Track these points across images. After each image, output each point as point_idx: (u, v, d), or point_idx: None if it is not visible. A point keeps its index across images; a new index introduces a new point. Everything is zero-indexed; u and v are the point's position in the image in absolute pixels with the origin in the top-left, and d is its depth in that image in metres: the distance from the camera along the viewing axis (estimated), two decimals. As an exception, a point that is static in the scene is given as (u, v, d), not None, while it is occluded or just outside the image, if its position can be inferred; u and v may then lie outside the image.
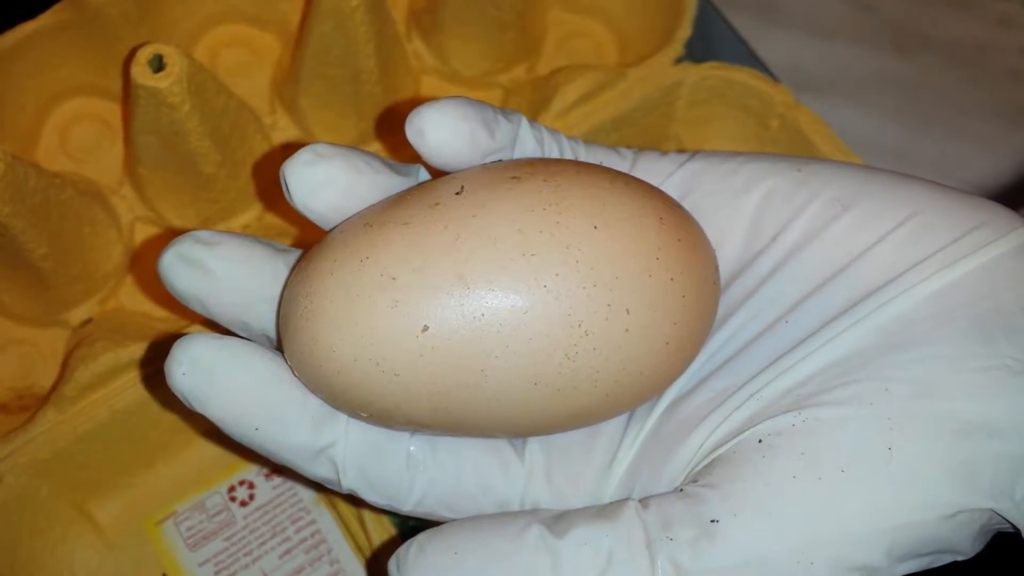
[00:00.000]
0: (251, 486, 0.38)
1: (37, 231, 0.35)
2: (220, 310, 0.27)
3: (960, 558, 0.25)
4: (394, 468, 0.27)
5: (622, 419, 0.27)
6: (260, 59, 0.45)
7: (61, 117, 0.43)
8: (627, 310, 0.24)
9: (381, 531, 0.35)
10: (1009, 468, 0.24)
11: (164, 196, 0.40)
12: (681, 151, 0.31)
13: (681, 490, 0.26)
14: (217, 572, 0.37)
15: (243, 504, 0.38)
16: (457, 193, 0.24)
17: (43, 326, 0.40)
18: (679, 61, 0.40)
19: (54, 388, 0.36)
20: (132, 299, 0.41)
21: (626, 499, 0.26)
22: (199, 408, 0.26)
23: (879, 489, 0.24)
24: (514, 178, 0.24)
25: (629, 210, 0.24)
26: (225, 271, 0.26)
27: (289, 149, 0.41)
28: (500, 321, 0.23)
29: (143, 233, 0.41)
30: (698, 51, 0.41)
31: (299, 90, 0.41)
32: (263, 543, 0.37)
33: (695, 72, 0.40)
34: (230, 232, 0.27)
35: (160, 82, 0.34)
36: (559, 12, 0.46)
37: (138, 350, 0.35)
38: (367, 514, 0.36)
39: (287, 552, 0.37)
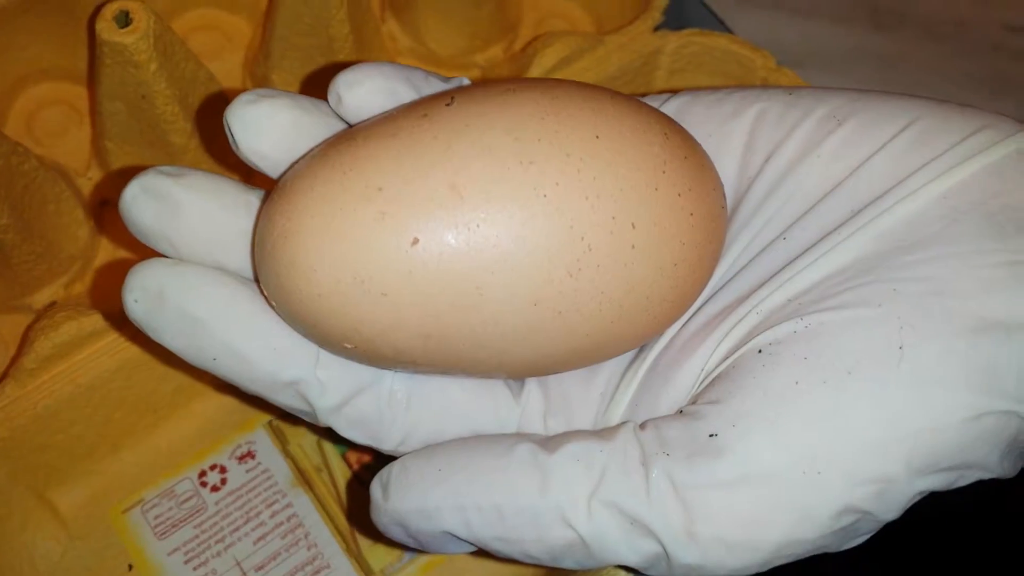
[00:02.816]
0: (223, 470, 0.35)
1: (-3, 198, 0.33)
2: (190, 248, 0.24)
3: (988, 475, 0.22)
4: (374, 406, 0.24)
5: (622, 360, 0.25)
6: (232, 43, 0.42)
7: (28, 102, 0.40)
8: (632, 224, 0.21)
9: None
10: None
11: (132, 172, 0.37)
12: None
13: (681, 411, 0.23)
14: (187, 561, 0.34)
15: (214, 489, 0.35)
16: (447, 104, 0.22)
17: (5, 312, 0.37)
18: (658, 29, 0.38)
19: (13, 361, 0.33)
20: (100, 283, 0.38)
21: (624, 422, 0.23)
22: (154, 336, 0.24)
23: (891, 391, 0.21)
24: (509, 90, 0.22)
25: (632, 123, 0.22)
26: (194, 203, 0.23)
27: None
28: (497, 233, 0.20)
29: (111, 217, 0.39)
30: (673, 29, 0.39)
31: (270, 65, 0.38)
32: (236, 529, 0.34)
33: (674, 39, 0.38)
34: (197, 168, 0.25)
35: (126, 37, 0.32)
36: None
37: (102, 320, 0.32)
38: (345, 493, 0.33)
39: (262, 538, 0.34)
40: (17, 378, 0.32)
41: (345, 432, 0.24)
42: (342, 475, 0.35)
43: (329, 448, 0.35)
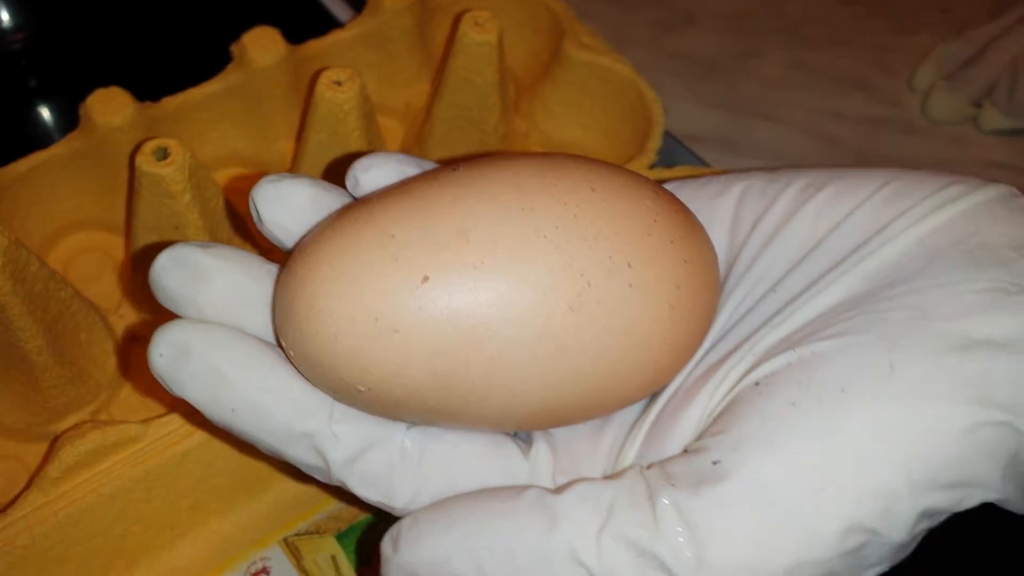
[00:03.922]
0: (239, 589, 0.35)
1: (34, 319, 0.34)
2: (214, 312, 0.25)
3: (992, 497, 0.22)
4: (386, 461, 0.24)
5: (627, 419, 0.25)
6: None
7: (65, 249, 0.43)
8: (628, 264, 0.22)
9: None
10: None
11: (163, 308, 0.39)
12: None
13: (685, 450, 0.23)
14: None
15: (230, 610, 0.35)
16: (454, 170, 0.23)
17: (31, 440, 0.38)
18: (652, 167, 0.41)
19: (38, 471, 0.34)
20: (125, 414, 0.39)
21: (631, 466, 0.24)
22: (176, 390, 0.24)
23: (885, 407, 0.22)
24: (511, 156, 0.24)
25: (624, 180, 0.23)
26: (220, 270, 0.25)
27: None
28: (500, 271, 0.22)
29: (139, 353, 0.40)
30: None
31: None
32: (250, 650, 0.34)
33: (668, 175, 0.40)
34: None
35: (163, 169, 0.34)
36: (537, 150, 0.47)
37: (127, 430, 0.33)
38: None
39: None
40: (41, 487, 0.32)
41: (357, 489, 0.25)
42: (356, 589, 0.34)
43: (344, 563, 0.35)
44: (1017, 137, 0.53)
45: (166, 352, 0.24)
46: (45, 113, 0.51)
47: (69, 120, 0.40)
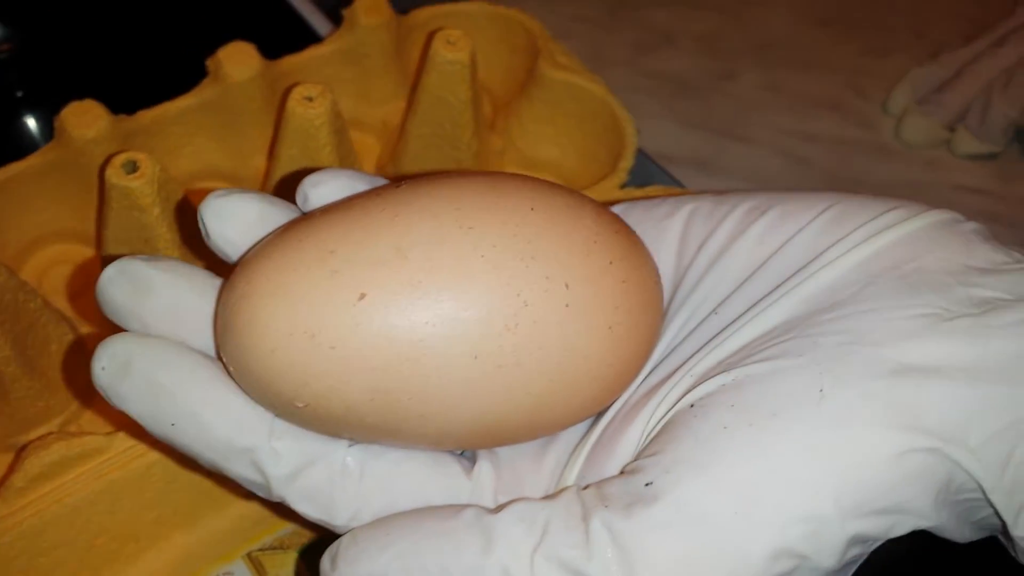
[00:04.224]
0: (202, 602, 0.35)
1: (2, 331, 0.34)
2: (158, 326, 0.24)
3: (925, 524, 0.22)
4: (326, 478, 0.24)
5: (571, 439, 0.26)
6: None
7: (40, 260, 0.43)
8: (566, 284, 0.22)
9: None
10: (958, 411, 0.22)
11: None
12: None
13: (622, 472, 0.24)
14: None
15: (192, 620, 0.35)
16: (397, 187, 0.24)
17: (-1, 450, 0.38)
18: (624, 187, 0.41)
19: (2, 481, 0.34)
20: (95, 427, 0.39)
21: (568, 486, 0.24)
22: (117, 403, 0.24)
23: (814, 431, 0.22)
24: (454, 175, 0.24)
25: (566, 200, 0.24)
26: (165, 284, 0.25)
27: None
28: (438, 289, 0.22)
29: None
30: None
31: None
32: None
33: (639, 194, 0.40)
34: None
35: (132, 182, 0.34)
36: (512, 168, 0.47)
37: (92, 442, 0.33)
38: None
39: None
40: (5, 497, 0.32)
41: (297, 505, 0.25)
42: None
43: (307, 578, 0.35)
44: (990, 161, 0.53)
45: (108, 365, 0.24)
46: (31, 123, 0.51)
47: (54, 130, 0.40)
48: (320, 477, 0.24)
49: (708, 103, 0.54)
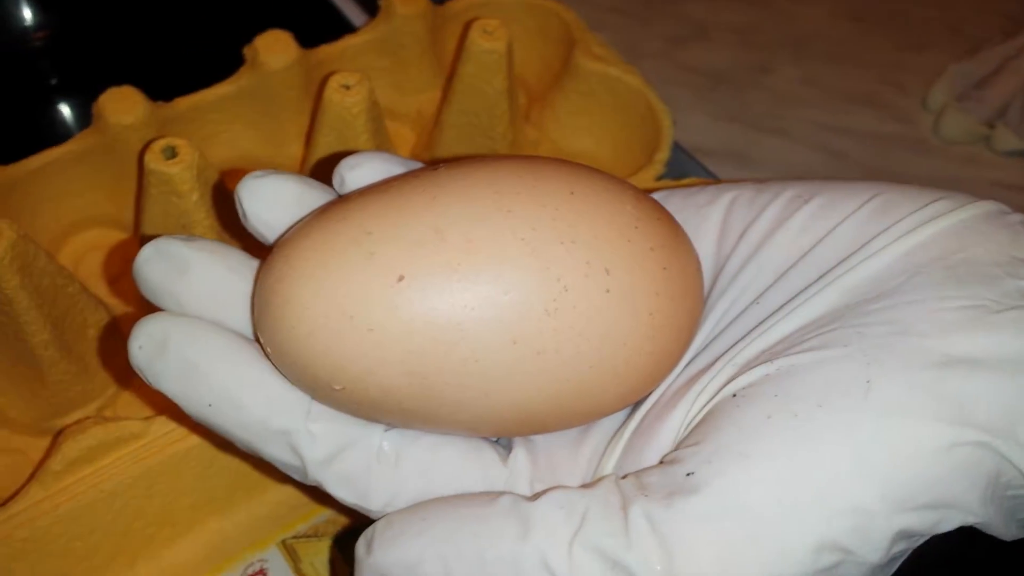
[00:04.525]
0: (236, 588, 0.35)
1: (41, 314, 0.34)
2: (194, 305, 0.24)
3: (972, 520, 0.22)
4: (363, 462, 0.24)
5: (609, 428, 0.25)
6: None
7: (76, 247, 0.43)
8: (606, 270, 0.22)
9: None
10: (1007, 404, 0.21)
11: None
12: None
13: (661, 461, 0.23)
14: None
15: (225, 608, 0.35)
16: (434, 170, 0.23)
17: (35, 434, 0.38)
18: (659, 179, 0.41)
19: (40, 465, 0.34)
20: (131, 411, 0.39)
21: (606, 475, 0.23)
22: (154, 382, 0.24)
23: (861, 423, 0.21)
24: (492, 158, 0.23)
25: (606, 184, 0.23)
26: (201, 263, 0.24)
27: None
28: (477, 271, 0.21)
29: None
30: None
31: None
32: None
33: (676, 186, 0.40)
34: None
35: (172, 168, 0.34)
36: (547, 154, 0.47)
37: (130, 426, 0.33)
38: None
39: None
40: (42, 480, 0.32)
41: (333, 489, 0.24)
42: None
43: (341, 567, 0.35)
44: (1029, 157, 0.52)
45: (144, 344, 0.24)
46: (65, 111, 0.51)
47: (88, 118, 0.40)
48: (356, 461, 0.24)
49: (743, 96, 0.53)
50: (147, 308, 0.25)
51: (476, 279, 0.21)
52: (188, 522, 0.36)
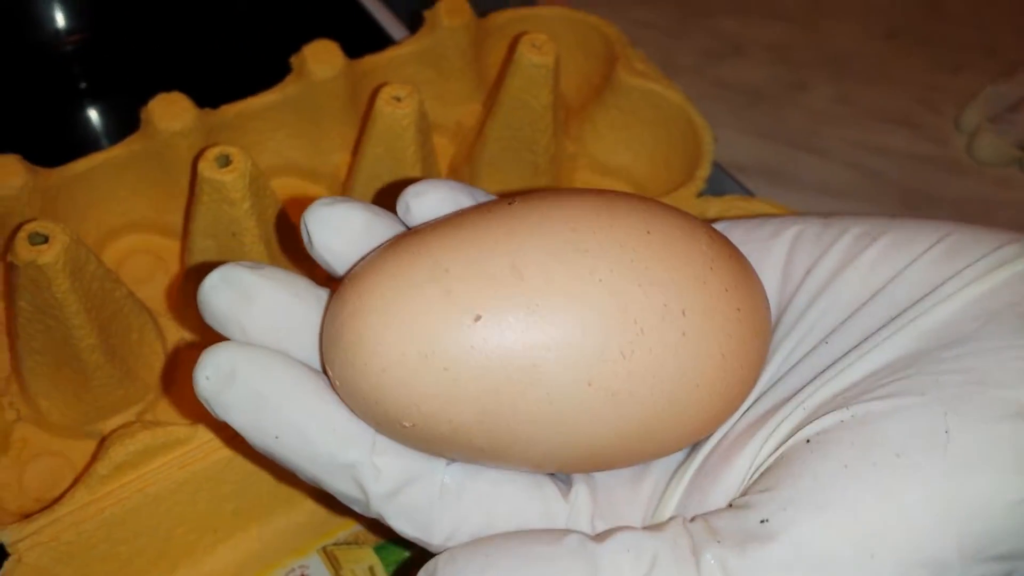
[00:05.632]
0: (277, 596, 0.34)
1: (89, 317, 0.34)
2: (260, 335, 0.24)
3: None
4: (426, 496, 0.24)
5: (669, 466, 0.25)
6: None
7: (119, 249, 0.42)
8: (683, 312, 0.21)
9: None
10: None
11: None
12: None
13: (731, 504, 0.23)
14: None
15: (265, 614, 0.34)
16: (510, 204, 0.23)
17: (76, 437, 0.37)
18: (700, 195, 0.40)
19: (85, 468, 0.33)
20: (170, 416, 0.38)
21: (673, 517, 0.23)
22: (221, 414, 0.23)
23: (940, 474, 0.21)
24: (566, 193, 0.23)
25: (680, 223, 0.23)
26: (268, 292, 0.24)
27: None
28: (554, 312, 0.21)
29: (188, 357, 0.39)
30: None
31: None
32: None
33: (717, 203, 0.39)
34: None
35: (225, 176, 0.34)
36: (585, 173, 0.46)
37: (176, 432, 0.33)
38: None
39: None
40: (88, 484, 0.32)
41: (395, 522, 0.24)
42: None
43: (381, 575, 0.35)
44: (1062, 181, 0.51)
45: (212, 375, 0.23)
46: (94, 115, 0.51)
47: (117, 123, 0.39)
48: (419, 495, 0.24)
49: (779, 114, 0.53)
50: (189, 315, 0.24)
51: (553, 320, 0.21)
52: (230, 528, 0.35)
